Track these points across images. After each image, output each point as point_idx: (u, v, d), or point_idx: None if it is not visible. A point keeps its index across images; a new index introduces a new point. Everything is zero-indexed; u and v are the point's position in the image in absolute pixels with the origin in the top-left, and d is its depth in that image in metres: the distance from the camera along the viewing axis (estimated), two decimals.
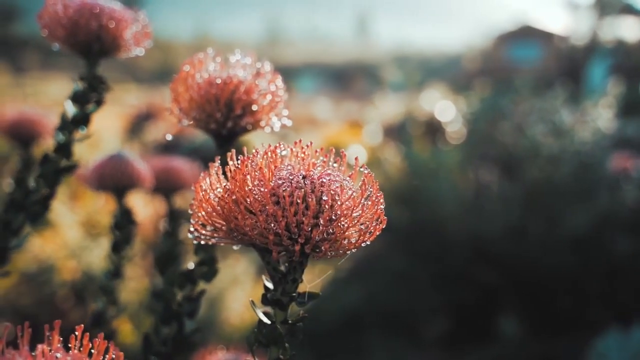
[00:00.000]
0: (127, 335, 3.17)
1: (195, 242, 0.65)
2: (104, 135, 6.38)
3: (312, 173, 0.61)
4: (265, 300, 0.63)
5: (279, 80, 0.88)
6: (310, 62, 29.38)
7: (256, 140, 7.47)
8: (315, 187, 0.59)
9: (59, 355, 0.49)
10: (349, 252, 0.61)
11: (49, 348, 0.51)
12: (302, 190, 0.59)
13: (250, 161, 0.60)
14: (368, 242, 0.61)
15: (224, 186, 0.62)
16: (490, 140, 5.22)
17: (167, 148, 6.69)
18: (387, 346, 4.04)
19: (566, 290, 3.96)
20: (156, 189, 1.48)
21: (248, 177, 0.60)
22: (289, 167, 0.62)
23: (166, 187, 1.54)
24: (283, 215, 0.57)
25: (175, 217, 1.45)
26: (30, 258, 3.79)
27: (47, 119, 1.62)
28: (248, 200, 0.59)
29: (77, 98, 0.97)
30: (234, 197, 0.59)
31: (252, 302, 0.63)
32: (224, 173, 0.63)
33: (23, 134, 1.51)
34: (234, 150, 0.62)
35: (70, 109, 0.98)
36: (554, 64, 21.39)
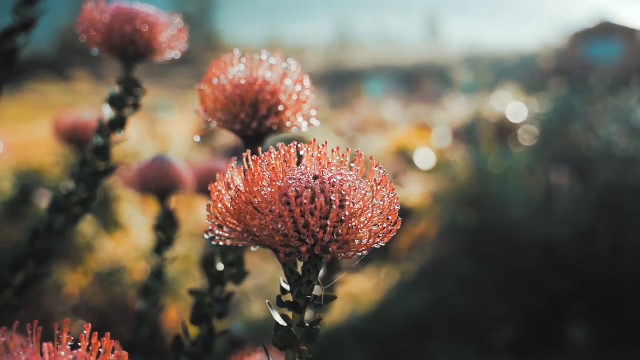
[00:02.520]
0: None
1: (213, 243, 0.65)
2: (174, 140, 6.54)
3: (324, 173, 0.60)
4: (280, 302, 0.62)
5: (306, 81, 0.86)
6: (379, 64, 29.27)
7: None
8: (325, 188, 0.58)
9: (63, 353, 0.49)
10: (360, 254, 0.59)
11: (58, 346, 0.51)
12: (311, 190, 0.57)
13: (262, 161, 0.60)
14: (382, 244, 0.59)
15: (236, 186, 0.61)
16: (562, 142, 5.07)
17: (237, 152, 6.80)
18: (453, 352, 3.97)
19: None
20: (199, 191, 1.50)
21: (260, 177, 0.59)
22: (302, 167, 0.61)
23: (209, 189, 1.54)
24: (290, 216, 0.56)
25: None
26: (103, 259, 3.93)
27: None
28: (256, 200, 0.58)
29: (114, 102, 0.99)
30: (244, 197, 0.59)
31: (269, 304, 0.62)
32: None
33: (78, 138, 1.56)
34: (249, 151, 0.62)
35: (108, 113, 1.00)
36: (634, 62, 20.46)
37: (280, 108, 0.85)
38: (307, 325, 0.63)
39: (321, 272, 1.37)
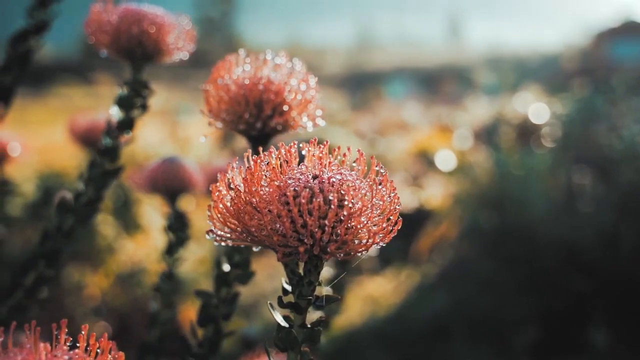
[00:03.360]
0: None
1: (215, 243, 0.65)
2: (195, 142, 6.57)
3: (323, 173, 0.59)
4: (281, 303, 0.61)
5: (312, 81, 0.86)
6: (400, 66, 29.17)
7: (344, 145, 7.50)
8: (324, 187, 0.57)
9: (59, 354, 0.49)
10: (359, 254, 0.58)
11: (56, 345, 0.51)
12: (309, 190, 0.57)
13: (261, 161, 0.59)
14: (383, 244, 0.59)
15: (236, 186, 0.61)
16: (584, 142, 5.02)
17: None
18: (473, 355, 3.94)
19: None
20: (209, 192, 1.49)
21: (258, 176, 0.58)
22: (302, 167, 0.60)
23: None
24: (288, 216, 0.55)
25: None
26: (123, 261, 3.96)
27: None
28: (255, 199, 0.57)
29: (122, 103, 1.00)
30: (243, 197, 0.58)
31: (271, 305, 0.62)
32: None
33: (93, 140, 1.57)
34: (249, 150, 0.61)
35: (116, 114, 1.01)
36: None
37: (285, 108, 0.84)
38: (309, 326, 0.62)
39: (331, 273, 1.37)
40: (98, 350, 0.52)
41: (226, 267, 0.89)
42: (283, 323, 0.62)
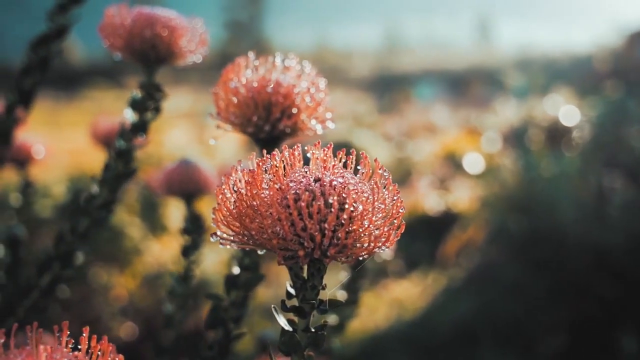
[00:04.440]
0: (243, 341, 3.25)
1: (221, 246, 0.64)
2: (221, 145, 6.61)
3: (325, 176, 0.58)
4: (284, 307, 0.61)
5: (322, 83, 0.85)
6: (428, 68, 28.97)
7: (371, 148, 7.49)
8: (325, 190, 0.57)
9: (58, 355, 0.49)
10: (361, 257, 0.57)
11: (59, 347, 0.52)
12: (310, 193, 0.56)
13: (263, 164, 0.59)
14: (386, 248, 0.58)
15: (238, 188, 0.61)
16: (615, 145, 4.94)
17: None
18: None
19: None
20: None
21: (260, 179, 0.58)
22: (305, 170, 0.59)
23: None
24: (288, 219, 0.55)
25: None
26: (150, 262, 3.99)
27: None
28: (256, 202, 0.57)
29: (136, 106, 1.01)
30: (245, 199, 0.58)
31: (275, 309, 0.61)
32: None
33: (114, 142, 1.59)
34: (254, 153, 0.61)
35: (130, 117, 1.01)
36: None
37: (294, 110, 0.84)
38: (313, 330, 0.62)
39: (347, 278, 1.36)
40: (99, 353, 0.52)
41: (236, 270, 0.89)
42: (287, 327, 0.61)
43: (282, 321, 0.61)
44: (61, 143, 6.14)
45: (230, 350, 0.85)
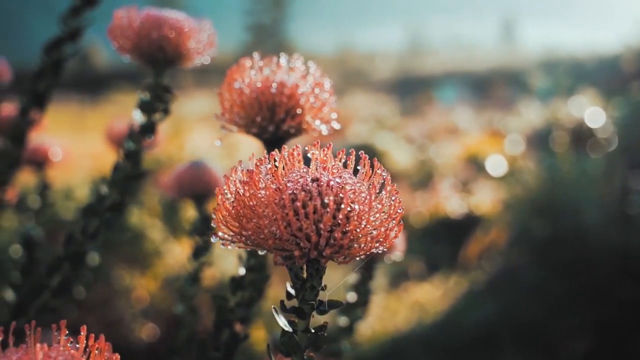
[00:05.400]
0: (260, 342, 3.25)
1: (222, 246, 0.64)
2: (241, 148, 6.64)
3: (322, 176, 0.58)
4: (283, 308, 0.61)
5: (327, 84, 0.85)
6: (451, 70, 28.78)
7: (393, 151, 7.47)
8: (322, 191, 0.56)
9: (54, 354, 0.50)
10: (358, 258, 0.57)
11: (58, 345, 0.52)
12: (306, 193, 0.56)
13: (261, 164, 0.59)
14: (383, 249, 0.57)
15: (237, 189, 0.60)
16: None
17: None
18: None
19: None
20: None
21: (257, 179, 0.58)
22: (303, 170, 0.59)
23: None
24: (284, 219, 0.54)
25: None
26: (170, 264, 4.02)
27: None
28: (253, 202, 0.57)
29: (144, 107, 1.01)
30: (243, 199, 0.58)
31: (275, 309, 0.61)
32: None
33: None
34: (254, 153, 0.61)
35: (139, 118, 1.02)
36: None
37: (298, 111, 0.84)
38: (313, 331, 0.61)
39: (356, 279, 1.35)
40: (97, 351, 0.52)
41: (241, 271, 0.89)
42: (287, 327, 0.61)
43: (281, 322, 0.61)
44: (86, 146, 6.22)
45: (236, 351, 0.85)
